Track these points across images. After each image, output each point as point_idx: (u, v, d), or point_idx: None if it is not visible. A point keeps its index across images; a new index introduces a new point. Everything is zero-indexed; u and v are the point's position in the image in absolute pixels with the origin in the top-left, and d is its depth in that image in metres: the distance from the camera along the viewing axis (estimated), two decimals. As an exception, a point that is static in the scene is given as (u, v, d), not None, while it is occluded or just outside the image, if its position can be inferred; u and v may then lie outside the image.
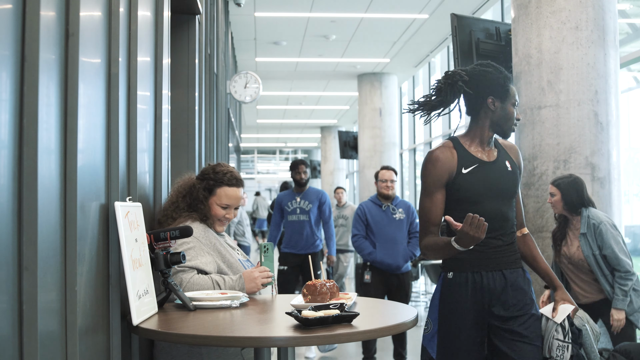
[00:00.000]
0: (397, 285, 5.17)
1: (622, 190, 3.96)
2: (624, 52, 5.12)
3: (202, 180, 2.45)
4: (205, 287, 2.24)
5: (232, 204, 2.44)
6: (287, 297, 2.31)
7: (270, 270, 2.37)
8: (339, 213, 8.68)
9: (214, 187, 2.43)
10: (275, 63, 10.55)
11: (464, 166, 2.40)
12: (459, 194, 2.39)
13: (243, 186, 2.52)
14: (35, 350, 1.19)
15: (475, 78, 2.42)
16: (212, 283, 2.25)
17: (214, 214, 2.43)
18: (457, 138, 2.48)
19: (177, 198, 2.44)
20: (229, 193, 2.43)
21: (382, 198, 5.27)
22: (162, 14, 2.56)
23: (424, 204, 2.42)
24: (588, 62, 3.83)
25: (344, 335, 1.75)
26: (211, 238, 2.37)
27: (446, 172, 2.39)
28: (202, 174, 2.48)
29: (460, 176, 2.39)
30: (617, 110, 3.93)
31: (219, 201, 2.42)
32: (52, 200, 1.33)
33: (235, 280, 2.29)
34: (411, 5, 7.60)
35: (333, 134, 18.54)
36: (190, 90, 3.67)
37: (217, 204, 2.42)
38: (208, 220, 2.42)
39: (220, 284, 2.26)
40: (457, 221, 2.21)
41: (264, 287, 2.38)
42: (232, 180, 2.45)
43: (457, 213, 2.33)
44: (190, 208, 2.41)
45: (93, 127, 1.63)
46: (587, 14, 3.83)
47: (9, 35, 1.14)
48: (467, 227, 2.12)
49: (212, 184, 2.43)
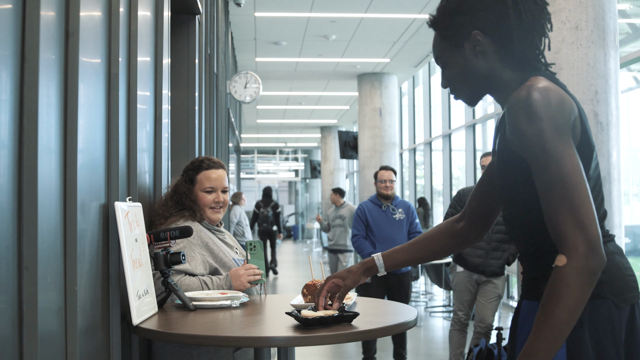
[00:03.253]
0: (397, 286, 5.17)
1: (622, 190, 3.96)
2: (624, 52, 5.12)
3: (183, 175, 2.49)
4: (193, 287, 2.24)
5: (216, 185, 2.46)
6: (287, 297, 2.31)
7: (258, 268, 2.34)
8: (336, 213, 8.68)
9: (193, 176, 2.46)
10: (275, 63, 10.55)
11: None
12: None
13: (223, 168, 2.53)
14: (35, 350, 1.19)
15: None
16: (199, 283, 2.26)
17: (202, 203, 2.44)
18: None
19: (165, 198, 2.46)
20: (208, 175, 2.46)
21: (381, 198, 5.27)
22: (162, 14, 2.56)
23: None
24: (588, 62, 3.84)
25: (344, 335, 1.75)
26: (203, 236, 2.37)
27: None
28: (182, 171, 2.52)
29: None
30: (617, 110, 3.93)
31: (202, 186, 2.45)
32: (52, 200, 1.33)
33: (222, 279, 2.30)
34: (411, 5, 7.60)
35: (333, 134, 18.55)
36: (190, 90, 3.67)
37: (201, 190, 2.44)
38: (198, 216, 2.43)
39: (207, 284, 2.27)
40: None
41: (252, 286, 2.34)
42: (209, 163, 2.48)
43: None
44: (178, 206, 2.42)
45: (93, 127, 1.63)
46: (587, 14, 3.83)
47: (9, 35, 1.14)
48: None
49: (192, 173, 2.47)
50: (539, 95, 1.38)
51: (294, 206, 27.47)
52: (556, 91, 1.41)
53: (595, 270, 1.33)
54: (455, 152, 10.28)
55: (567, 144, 1.37)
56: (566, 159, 1.35)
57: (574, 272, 1.32)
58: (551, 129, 1.36)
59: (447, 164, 10.29)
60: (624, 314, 1.45)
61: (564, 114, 1.39)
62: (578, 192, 1.34)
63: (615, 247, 1.50)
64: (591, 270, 1.32)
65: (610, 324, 1.43)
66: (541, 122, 1.37)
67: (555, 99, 1.39)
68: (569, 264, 1.32)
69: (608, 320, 1.43)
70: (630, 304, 1.46)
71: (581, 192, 1.34)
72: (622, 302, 1.45)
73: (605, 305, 1.43)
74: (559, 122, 1.37)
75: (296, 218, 26.17)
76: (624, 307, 1.45)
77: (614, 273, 1.45)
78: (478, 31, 1.51)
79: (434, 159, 11.47)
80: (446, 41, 1.56)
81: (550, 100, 1.38)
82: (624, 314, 1.45)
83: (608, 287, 1.43)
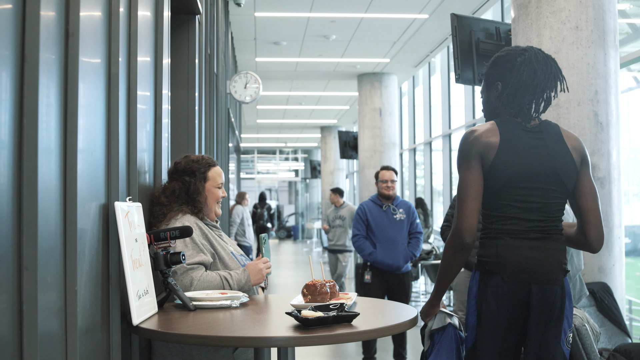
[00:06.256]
0: (397, 286, 5.17)
1: (622, 190, 3.95)
2: (624, 52, 5.12)
3: (192, 176, 2.45)
4: (214, 283, 2.27)
5: (223, 181, 2.55)
6: (287, 297, 2.31)
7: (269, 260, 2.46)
8: (336, 214, 8.67)
9: (205, 173, 2.49)
10: (275, 63, 10.54)
11: None
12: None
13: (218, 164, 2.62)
14: (35, 350, 1.19)
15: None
16: (220, 280, 2.29)
17: (216, 198, 2.50)
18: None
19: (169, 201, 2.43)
20: (218, 172, 2.54)
21: (382, 198, 5.27)
22: (162, 14, 2.56)
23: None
24: (588, 62, 3.83)
25: (344, 335, 1.75)
26: (203, 229, 2.40)
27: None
28: (185, 171, 2.46)
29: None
30: (617, 110, 3.93)
31: (215, 183, 2.51)
32: (52, 200, 1.33)
33: (240, 274, 2.34)
34: (411, 5, 7.60)
35: (333, 134, 18.54)
36: (190, 90, 3.67)
37: (214, 187, 2.50)
38: (200, 213, 2.44)
39: (228, 280, 2.30)
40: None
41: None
42: (212, 160, 2.56)
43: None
44: (179, 201, 2.41)
45: (93, 127, 1.63)
46: (587, 14, 3.83)
47: (9, 35, 1.14)
48: None
49: (203, 171, 2.49)
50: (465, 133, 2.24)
51: (294, 206, 27.47)
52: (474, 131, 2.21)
53: (456, 245, 2.14)
54: (455, 152, 10.27)
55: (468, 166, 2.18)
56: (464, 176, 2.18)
57: (446, 244, 2.17)
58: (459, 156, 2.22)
59: (447, 164, 10.29)
60: (518, 290, 2.11)
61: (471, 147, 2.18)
62: (463, 198, 2.15)
63: (519, 242, 2.14)
64: (453, 245, 2.15)
65: (497, 292, 2.12)
66: (457, 151, 2.24)
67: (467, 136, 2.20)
68: (447, 239, 2.18)
69: (495, 289, 2.13)
70: (520, 283, 2.10)
71: (464, 198, 2.15)
72: (507, 278, 2.11)
73: (494, 279, 2.14)
74: (465, 153, 2.19)
75: (296, 218, 26.16)
76: (509, 282, 2.11)
77: (503, 257, 2.13)
78: (499, 82, 2.26)
79: (434, 159, 11.47)
80: (484, 80, 2.33)
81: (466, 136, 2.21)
82: (517, 289, 2.11)
83: (496, 266, 2.14)
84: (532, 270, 2.12)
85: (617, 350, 2.95)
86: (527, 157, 2.15)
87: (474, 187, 2.14)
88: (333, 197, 8.74)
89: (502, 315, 2.11)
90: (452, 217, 4.81)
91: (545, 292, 2.11)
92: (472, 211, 2.12)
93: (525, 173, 2.14)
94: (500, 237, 2.15)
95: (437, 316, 2.27)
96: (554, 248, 2.17)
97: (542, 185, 2.15)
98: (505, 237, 2.15)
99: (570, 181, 2.20)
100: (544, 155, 2.17)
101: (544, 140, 2.19)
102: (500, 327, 2.12)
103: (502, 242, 2.15)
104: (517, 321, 2.12)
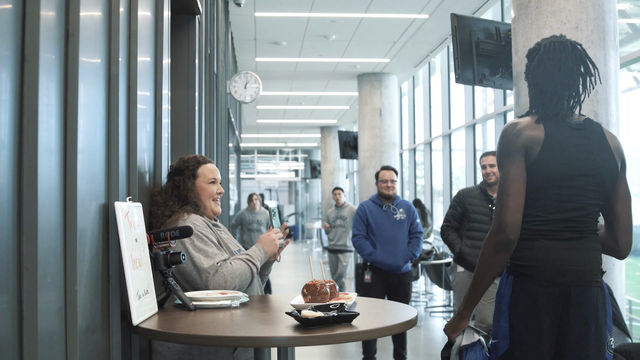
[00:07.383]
0: (397, 286, 5.17)
1: (622, 190, 3.95)
2: (624, 52, 5.12)
3: (181, 175, 2.48)
4: (244, 271, 2.29)
5: (216, 177, 2.54)
6: (287, 297, 2.31)
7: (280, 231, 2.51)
8: (337, 214, 8.68)
9: (194, 170, 2.49)
10: (275, 63, 10.54)
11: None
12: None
13: (212, 162, 2.62)
14: (35, 350, 1.19)
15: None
16: (246, 265, 2.31)
17: (207, 195, 2.49)
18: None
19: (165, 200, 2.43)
20: (208, 167, 2.53)
21: (382, 198, 5.27)
22: (162, 14, 2.56)
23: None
24: (588, 62, 3.83)
25: (344, 335, 1.75)
26: (211, 227, 2.42)
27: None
28: (176, 171, 2.50)
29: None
30: (617, 110, 3.92)
31: (206, 178, 2.50)
32: (52, 200, 1.33)
33: (256, 250, 2.40)
34: (411, 5, 7.60)
35: (333, 134, 18.54)
36: (190, 90, 3.67)
37: (205, 182, 2.49)
38: (200, 210, 2.46)
39: (252, 261, 2.34)
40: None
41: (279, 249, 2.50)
42: (203, 158, 2.56)
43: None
44: (180, 202, 2.42)
45: (93, 127, 1.63)
46: (587, 14, 3.83)
47: (9, 35, 1.14)
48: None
49: (192, 168, 2.49)
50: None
51: (294, 206, 27.47)
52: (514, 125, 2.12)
53: (499, 242, 2.03)
54: (455, 152, 10.28)
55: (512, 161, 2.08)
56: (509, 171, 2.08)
57: (486, 242, 2.07)
58: (502, 150, 2.11)
59: (447, 164, 10.29)
60: (554, 293, 2.01)
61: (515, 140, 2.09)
62: (507, 192, 2.05)
63: (555, 243, 2.05)
64: (495, 243, 2.04)
65: (534, 296, 2.03)
66: (498, 144, 2.15)
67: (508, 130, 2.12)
68: (486, 237, 2.08)
69: (531, 293, 2.03)
70: (559, 286, 2.02)
71: (508, 192, 2.05)
72: (545, 282, 2.02)
73: (529, 282, 2.04)
74: (509, 145, 2.09)
75: (296, 218, 26.16)
76: (548, 286, 2.02)
77: (539, 260, 2.04)
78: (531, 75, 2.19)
79: (434, 159, 11.47)
80: (525, 74, 2.24)
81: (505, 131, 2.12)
82: (555, 293, 2.01)
83: (530, 269, 2.05)
84: (570, 272, 2.02)
85: (617, 350, 2.95)
86: (571, 156, 2.05)
87: (520, 182, 2.04)
88: (337, 194, 8.79)
89: (540, 320, 2.01)
90: (452, 217, 4.82)
91: (585, 294, 2.02)
92: (517, 206, 2.01)
93: (567, 172, 2.05)
94: (536, 239, 2.06)
95: (465, 331, 2.15)
96: (591, 248, 2.08)
97: (582, 185, 2.06)
98: (541, 239, 2.06)
99: (611, 183, 2.11)
100: (588, 154, 2.08)
101: (588, 139, 2.10)
102: (538, 332, 2.01)
103: (538, 243, 2.05)
104: (555, 326, 2.02)
